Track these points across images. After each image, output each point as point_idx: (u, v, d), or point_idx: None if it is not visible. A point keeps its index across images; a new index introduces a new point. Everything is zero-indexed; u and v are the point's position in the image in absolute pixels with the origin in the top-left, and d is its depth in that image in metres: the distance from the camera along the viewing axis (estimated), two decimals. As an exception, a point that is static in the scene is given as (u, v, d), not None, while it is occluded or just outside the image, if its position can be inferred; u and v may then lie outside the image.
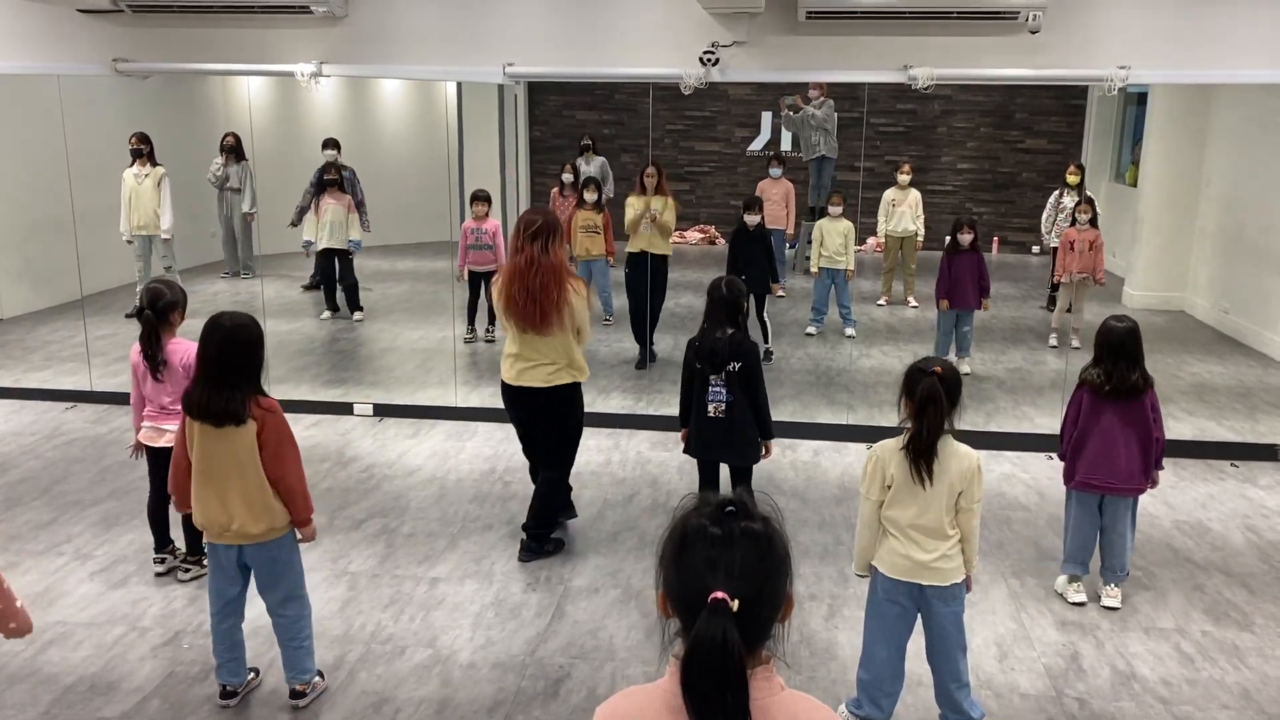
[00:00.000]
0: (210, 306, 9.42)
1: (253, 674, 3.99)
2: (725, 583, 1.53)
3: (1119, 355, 4.50)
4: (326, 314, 9.55)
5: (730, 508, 1.61)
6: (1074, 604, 4.70)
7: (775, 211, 9.87)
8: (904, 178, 9.99)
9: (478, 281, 8.78)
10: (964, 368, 8.08)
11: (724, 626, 1.49)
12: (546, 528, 5.16)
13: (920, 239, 10.00)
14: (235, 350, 3.61)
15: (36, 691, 3.93)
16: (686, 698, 1.51)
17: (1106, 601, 4.68)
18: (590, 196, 8.67)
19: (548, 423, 5.04)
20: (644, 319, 8.21)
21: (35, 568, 4.92)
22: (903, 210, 9.99)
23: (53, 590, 4.71)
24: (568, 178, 9.64)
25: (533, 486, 5.29)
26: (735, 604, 1.51)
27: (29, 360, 8.23)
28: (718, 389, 4.75)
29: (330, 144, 9.73)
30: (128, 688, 3.97)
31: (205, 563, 4.82)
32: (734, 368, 4.72)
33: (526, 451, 5.32)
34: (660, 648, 1.66)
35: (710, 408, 4.78)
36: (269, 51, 6.79)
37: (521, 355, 4.89)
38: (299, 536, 3.85)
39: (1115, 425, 4.53)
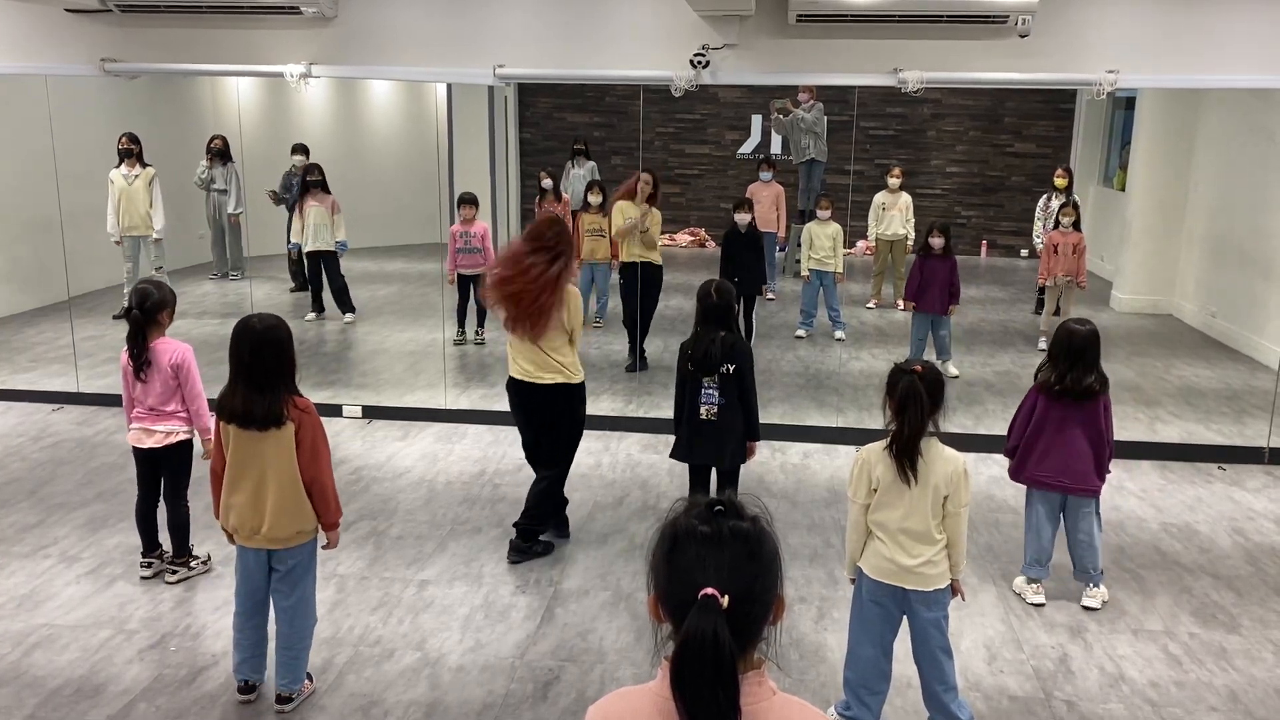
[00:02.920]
0: (199, 308, 9.43)
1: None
2: (715, 580, 1.53)
3: (1077, 359, 4.53)
4: (312, 315, 9.52)
5: (719, 507, 1.61)
6: (1033, 605, 4.71)
7: (765, 215, 9.89)
8: (894, 181, 10.02)
9: (467, 285, 8.78)
10: (950, 371, 8.10)
11: (714, 622, 1.49)
12: (538, 524, 5.15)
13: (910, 243, 10.03)
14: (269, 351, 3.60)
15: (22, 695, 3.91)
16: (677, 695, 1.51)
17: (1087, 602, 4.69)
18: (595, 200, 8.65)
19: (550, 420, 5.06)
20: (635, 325, 8.21)
21: (21, 570, 4.89)
22: (893, 214, 10.02)
23: (39, 593, 4.68)
24: (547, 184, 9.62)
25: (526, 488, 5.30)
26: (726, 600, 1.51)
27: (15, 361, 8.19)
28: (710, 391, 4.76)
29: (299, 149, 9.71)
30: (114, 690, 3.94)
31: (192, 565, 4.84)
32: (728, 370, 4.73)
33: (529, 448, 5.26)
34: (651, 651, 1.66)
35: (702, 410, 4.78)
36: (258, 52, 6.78)
37: (518, 356, 4.96)
38: (324, 542, 3.85)
39: (1067, 425, 4.58)
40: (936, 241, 7.98)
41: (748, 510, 1.63)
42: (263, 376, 3.60)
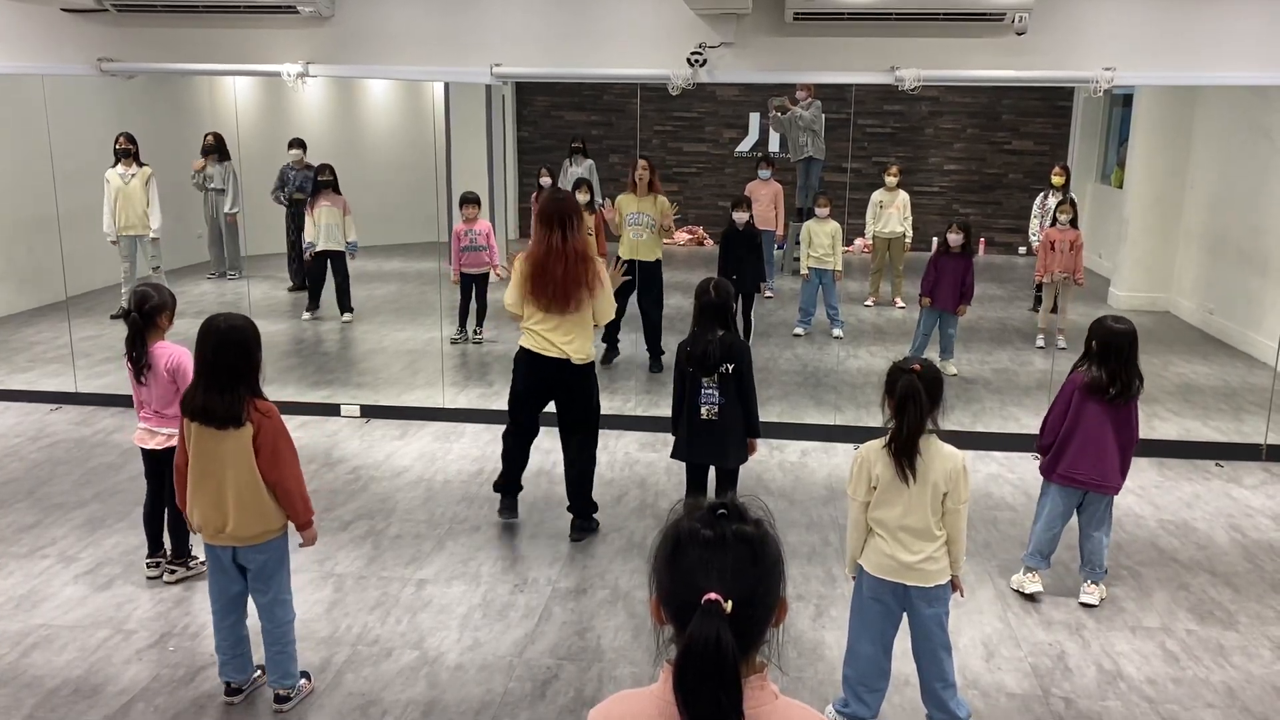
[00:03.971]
0: (196, 308, 9.41)
1: (259, 672, 3.98)
2: (719, 585, 1.53)
3: (1126, 360, 4.51)
4: (308, 315, 9.52)
5: (722, 510, 1.61)
6: (1028, 595, 4.73)
7: (764, 213, 9.88)
8: (892, 179, 10.01)
9: (469, 284, 8.77)
10: (949, 369, 8.10)
11: (718, 627, 1.49)
12: (591, 505, 5.39)
13: (908, 241, 10.03)
14: (231, 351, 3.60)
15: (20, 695, 3.91)
16: (680, 700, 1.51)
17: (1085, 598, 4.70)
18: (582, 198, 8.63)
19: (574, 396, 5.20)
20: (618, 326, 8.17)
21: (19, 570, 4.89)
22: (890, 212, 10.01)
23: (37, 593, 4.68)
24: (545, 181, 9.60)
25: (500, 468, 5.41)
26: (729, 605, 1.51)
27: (13, 361, 8.18)
28: (710, 391, 4.75)
29: (296, 144, 9.73)
30: (112, 691, 3.95)
31: (191, 564, 4.84)
32: (726, 369, 4.72)
33: (516, 424, 5.31)
34: (653, 652, 1.66)
35: (703, 410, 4.77)
36: (255, 51, 6.77)
37: (550, 330, 5.04)
38: (300, 541, 3.86)
39: (1105, 424, 4.56)
40: (954, 238, 7.94)
41: (751, 513, 1.63)
42: (224, 376, 3.59)
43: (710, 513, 1.61)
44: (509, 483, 5.45)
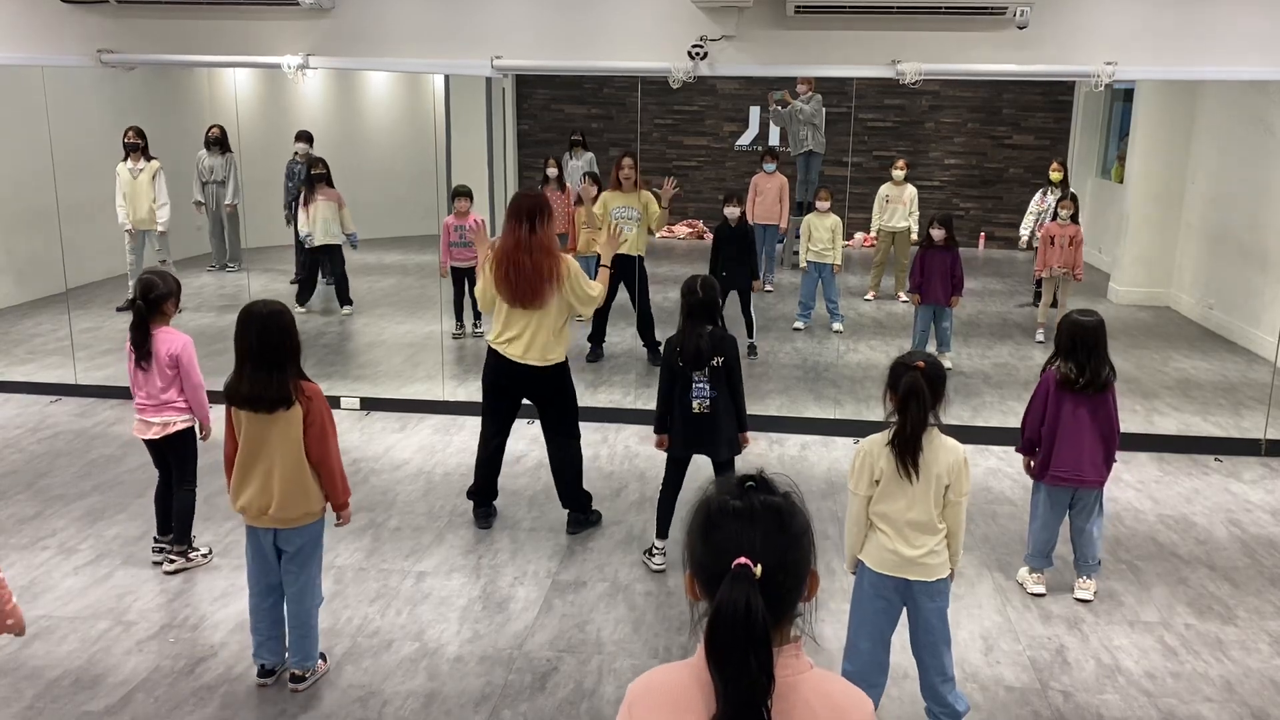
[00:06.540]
0: (197, 299, 9.41)
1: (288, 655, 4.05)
2: (748, 552, 1.56)
3: (1092, 351, 4.52)
4: (301, 310, 9.51)
5: (750, 483, 1.65)
6: (1034, 595, 4.74)
7: (770, 206, 9.86)
8: (899, 173, 9.98)
9: (461, 277, 8.75)
10: (945, 363, 8.10)
11: (747, 591, 1.52)
12: (584, 497, 5.39)
13: (914, 234, 10.02)
14: (274, 335, 3.69)
15: (20, 685, 3.92)
16: (711, 664, 1.53)
17: (1080, 594, 4.71)
18: (589, 191, 8.62)
19: (549, 398, 5.21)
20: (605, 319, 8.18)
21: (20, 561, 4.90)
22: (897, 206, 10.00)
23: (37, 584, 4.69)
24: (552, 172, 9.59)
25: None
26: (759, 569, 1.54)
27: (13, 353, 8.18)
28: (701, 385, 4.76)
29: (302, 136, 9.73)
30: (113, 681, 3.95)
31: (191, 556, 4.86)
32: (717, 363, 4.74)
33: (490, 426, 5.34)
34: (689, 628, 1.69)
35: (695, 404, 4.78)
36: (255, 44, 6.76)
37: (516, 332, 5.03)
38: (336, 520, 3.96)
39: (1083, 418, 4.56)
40: (937, 234, 7.94)
41: (779, 486, 1.67)
42: (271, 358, 3.68)
43: (739, 485, 1.65)
44: (481, 491, 5.45)
